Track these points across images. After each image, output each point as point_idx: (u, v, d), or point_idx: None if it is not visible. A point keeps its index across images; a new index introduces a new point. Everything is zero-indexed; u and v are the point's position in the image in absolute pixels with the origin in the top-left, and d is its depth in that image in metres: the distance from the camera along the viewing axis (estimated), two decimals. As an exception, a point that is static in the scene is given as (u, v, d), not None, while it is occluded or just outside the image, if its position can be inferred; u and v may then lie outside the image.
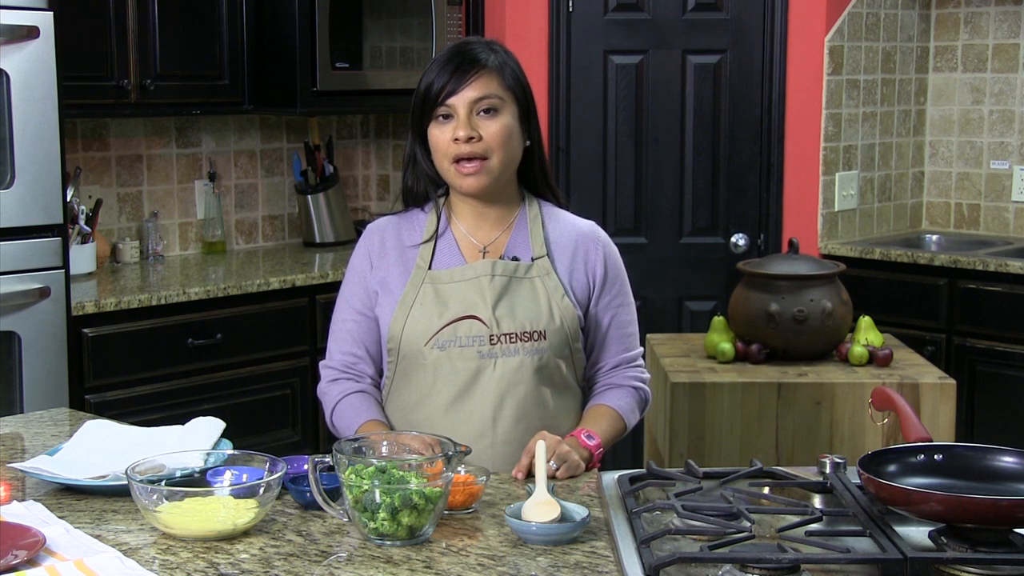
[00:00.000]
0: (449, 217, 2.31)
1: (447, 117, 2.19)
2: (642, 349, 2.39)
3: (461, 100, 2.18)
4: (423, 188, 2.30)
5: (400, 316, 2.23)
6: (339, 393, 2.30)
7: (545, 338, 2.22)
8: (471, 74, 2.18)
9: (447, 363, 2.22)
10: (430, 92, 2.19)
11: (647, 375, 2.38)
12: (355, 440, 1.90)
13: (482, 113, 2.19)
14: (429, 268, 2.26)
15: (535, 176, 2.33)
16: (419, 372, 2.24)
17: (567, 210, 2.37)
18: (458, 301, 2.23)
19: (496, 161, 2.21)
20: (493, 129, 2.19)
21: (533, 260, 2.27)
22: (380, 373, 2.33)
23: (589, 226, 2.35)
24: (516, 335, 2.21)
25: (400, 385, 2.28)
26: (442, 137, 2.19)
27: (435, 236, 2.29)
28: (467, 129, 2.17)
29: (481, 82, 2.18)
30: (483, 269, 2.24)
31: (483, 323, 2.21)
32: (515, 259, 2.27)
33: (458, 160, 2.19)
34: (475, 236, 2.29)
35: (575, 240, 2.31)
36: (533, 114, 2.27)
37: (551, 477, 2.02)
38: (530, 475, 2.05)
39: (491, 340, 2.20)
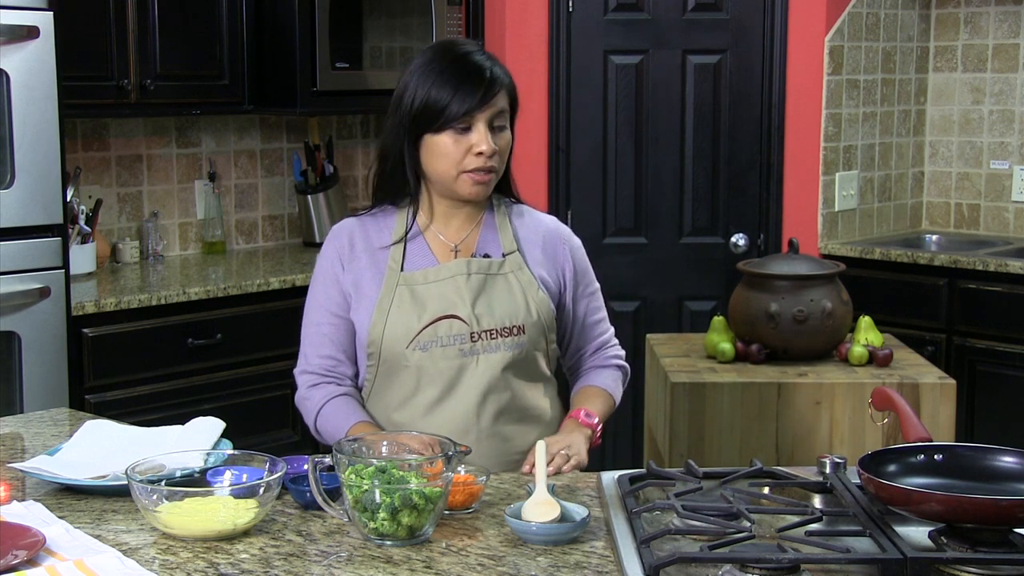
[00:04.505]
0: (416, 214, 2.31)
1: (467, 129, 2.20)
2: (612, 328, 2.48)
3: (484, 116, 2.20)
4: (399, 187, 2.29)
5: (379, 320, 2.24)
6: (323, 397, 2.29)
7: (524, 332, 2.26)
8: (494, 91, 2.21)
9: (430, 363, 2.23)
10: (451, 105, 2.18)
11: (623, 351, 2.48)
12: (355, 440, 1.90)
13: (495, 128, 2.22)
14: (401, 270, 2.27)
15: (504, 174, 2.36)
16: (402, 374, 2.25)
17: (524, 204, 2.41)
18: (436, 301, 2.24)
19: (500, 171, 2.27)
20: (503, 144, 2.25)
21: (504, 256, 2.30)
22: (358, 375, 2.33)
23: (553, 223, 2.42)
24: (496, 331, 2.25)
25: (382, 387, 2.28)
26: (457, 148, 2.20)
27: (404, 238, 2.29)
28: (490, 145, 2.20)
29: (499, 98, 2.23)
30: (458, 268, 2.26)
31: (463, 321, 2.23)
32: (486, 256, 2.29)
33: (471, 171, 2.21)
34: (445, 235, 2.31)
35: (543, 237, 2.37)
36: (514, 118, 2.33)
37: (553, 475, 2.04)
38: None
39: (472, 337, 2.23)
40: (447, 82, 2.19)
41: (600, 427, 2.30)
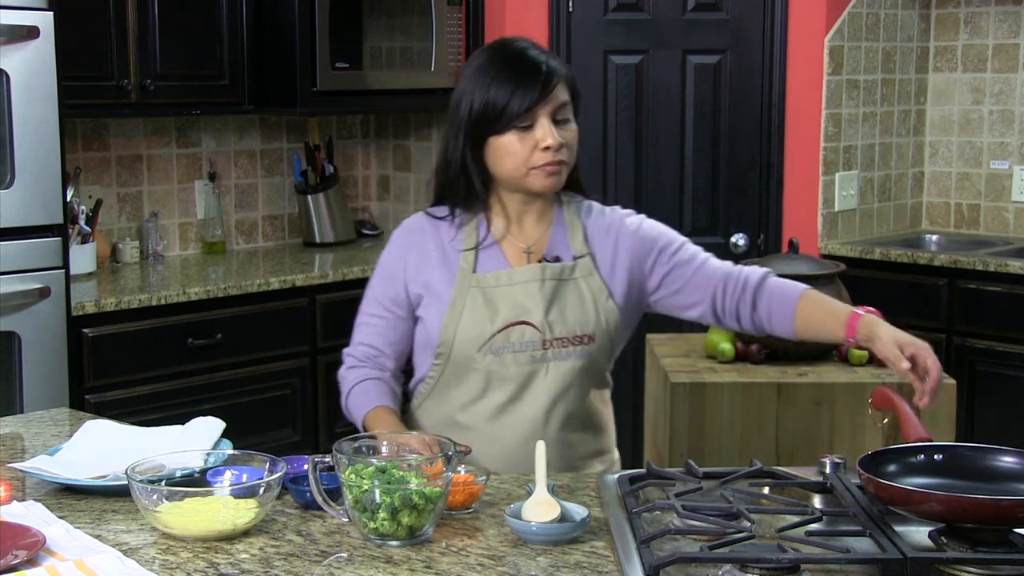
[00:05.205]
0: (489, 220, 2.30)
1: (530, 127, 2.19)
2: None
3: (546, 111, 2.19)
4: (465, 194, 2.26)
5: (451, 323, 2.23)
6: (356, 378, 2.31)
7: (594, 341, 2.26)
8: (552, 85, 2.19)
9: (500, 368, 2.23)
10: (510, 104, 2.17)
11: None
12: (355, 440, 1.90)
13: (558, 121, 2.21)
14: (474, 271, 2.26)
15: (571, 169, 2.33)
16: (471, 376, 2.25)
17: (592, 200, 2.39)
18: (509, 306, 2.23)
19: (571, 164, 2.26)
20: (570, 136, 2.23)
21: (575, 259, 2.28)
22: (402, 369, 2.35)
23: (612, 213, 2.38)
24: (567, 339, 2.24)
25: (448, 386, 2.28)
26: (523, 146, 2.19)
27: (477, 247, 2.27)
28: (556, 138, 2.19)
29: (559, 91, 2.21)
30: (532, 274, 2.25)
31: (536, 328, 2.23)
32: (557, 259, 2.28)
33: (540, 166, 2.20)
34: (517, 237, 2.29)
35: (611, 234, 2.33)
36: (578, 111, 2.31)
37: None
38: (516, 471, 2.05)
39: (544, 345, 2.23)
40: (504, 82, 2.18)
41: None
